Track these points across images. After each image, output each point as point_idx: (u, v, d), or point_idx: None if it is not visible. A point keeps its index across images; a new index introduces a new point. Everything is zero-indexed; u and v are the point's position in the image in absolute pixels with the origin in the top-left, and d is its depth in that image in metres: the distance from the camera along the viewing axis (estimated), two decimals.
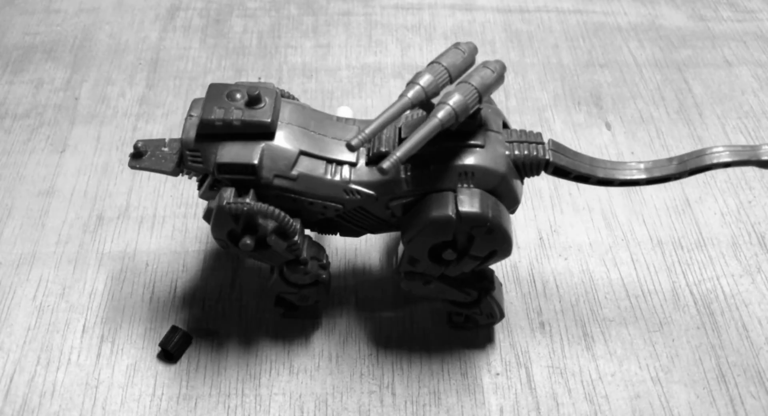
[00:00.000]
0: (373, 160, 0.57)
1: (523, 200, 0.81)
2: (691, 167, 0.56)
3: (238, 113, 0.55)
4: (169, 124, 0.89)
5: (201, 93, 0.93)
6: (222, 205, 0.54)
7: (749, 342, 0.69)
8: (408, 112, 0.58)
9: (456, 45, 0.56)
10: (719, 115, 0.92)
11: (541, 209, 0.80)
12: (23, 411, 0.64)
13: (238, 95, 0.56)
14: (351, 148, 0.51)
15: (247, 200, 0.54)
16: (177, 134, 0.88)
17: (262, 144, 0.56)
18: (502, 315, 0.66)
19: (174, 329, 0.66)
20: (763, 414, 0.65)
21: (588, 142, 0.88)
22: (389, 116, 0.52)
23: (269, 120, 0.55)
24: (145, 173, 0.83)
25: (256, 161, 0.55)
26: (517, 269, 0.75)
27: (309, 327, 0.70)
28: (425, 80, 0.53)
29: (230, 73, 0.95)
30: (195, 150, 0.57)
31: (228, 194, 0.55)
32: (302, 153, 0.56)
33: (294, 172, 0.56)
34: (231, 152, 0.55)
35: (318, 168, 0.57)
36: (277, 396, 0.65)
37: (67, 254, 0.75)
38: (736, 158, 0.55)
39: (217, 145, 0.56)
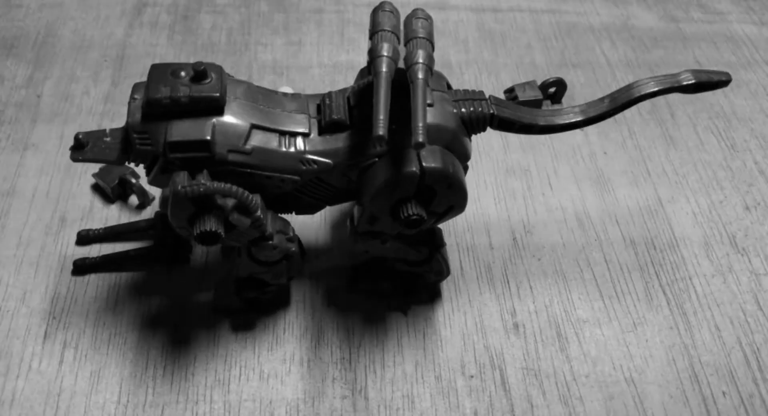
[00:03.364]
0: (326, 128, 0.57)
1: (495, 200, 0.80)
2: (622, 101, 0.60)
3: (185, 90, 0.54)
4: None
5: None
6: (177, 190, 0.52)
7: (721, 341, 0.70)
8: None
9: (381, 7, 0.58)
10: (690, 115, 0.92)
11: (515, 210, 0.80)
12: None
13: (183, 72, 0.55)
14: (380, 138, 0.50)
15: (202, 181, 0.53)
16: None
17: (213, 119, 0.55)
18: (448, 272, 0.69)
19: None
20: (734, 414, 0.65)
21: (561, 142, 0.88)
22: (385, 94, 0.52)
23: (218, 94, 0.54)
24: None
25: (208, 137, 0.54)
26: (491, 270, 0.74)
27: (280, 331, 0.68)
28: (387, 49, 0.55)
29: None
30: (143, 132, 0.55)
31: (181, 177, 0.53)
32: (254, 127, 0.56)
33: (248, 146, 0.56)
34: (181, 130, 0.54)
35: (272, 141, 0.57)
36: (246, 402, 0.63)
37: (28, 257, 0.73)
38: (660, 87, 0.60)
39: (166, 124, 0.54)
